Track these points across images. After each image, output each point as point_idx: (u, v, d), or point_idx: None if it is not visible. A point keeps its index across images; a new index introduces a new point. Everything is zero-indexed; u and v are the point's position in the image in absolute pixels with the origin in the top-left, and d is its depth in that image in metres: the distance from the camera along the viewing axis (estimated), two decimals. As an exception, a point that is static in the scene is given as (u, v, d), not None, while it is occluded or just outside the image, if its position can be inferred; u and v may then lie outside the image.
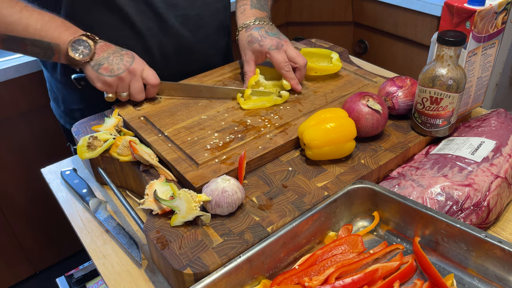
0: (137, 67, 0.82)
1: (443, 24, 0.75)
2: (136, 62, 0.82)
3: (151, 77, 0.84)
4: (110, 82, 0.81)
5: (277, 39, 0.91)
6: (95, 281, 1.40)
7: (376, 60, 1.78)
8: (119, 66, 0.80)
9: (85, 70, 0.82)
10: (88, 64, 0.81)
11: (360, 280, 0.56)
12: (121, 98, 0.85)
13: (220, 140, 0.76)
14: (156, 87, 0.86)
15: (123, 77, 0.81)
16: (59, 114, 1.07)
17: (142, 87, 0.84)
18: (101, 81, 0.81)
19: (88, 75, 0.82)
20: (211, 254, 0.57)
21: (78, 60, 0.79)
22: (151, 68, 0.85)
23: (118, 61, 0.81)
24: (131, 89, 0.83)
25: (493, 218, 0.67)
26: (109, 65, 0.80)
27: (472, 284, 0.59)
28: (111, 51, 0.82)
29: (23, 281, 1.64)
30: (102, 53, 0.81)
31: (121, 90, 0.83)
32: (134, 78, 0.82)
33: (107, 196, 0.78)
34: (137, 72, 0.82)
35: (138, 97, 0.85)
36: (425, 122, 0.76)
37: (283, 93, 0.87)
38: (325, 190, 0.67)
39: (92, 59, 0.80)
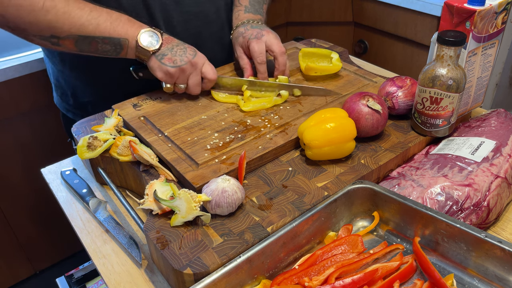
0: (198, 61, 0.85)
1: (443, 24, 0.75)
2: (198, 56, 0.85)
3: (210, 72, 0.86)
4: (172, 73, 0.83)
5: (258, 30, 0.93)
6: (95, 281, 1.40)
7: (376, 60, 1.78)
8: (182, 58, 0.83)
9: (149, 60, 0.84)
10: (153, 55, 0.83)
11: (360, 280, 0.56)
12: (178, 89, 0.87)
13: (220, 140, 0.76)
14: (213, 82, 0.88)
15: (184, 69, 0.83)
16: (66, 108, 1.07)
17: (199, 80, 0.87)
18: (163, 71, 0.83)
19: (151, 65, 0.84)
20: (211, 254, 0.57)
21: (148, 50, 0.82)
22: (211, 64, 0.87)
23: (182, 53, 0.84)
24: (190, 81, 0.86)
25: (493, 218, 0.67)
26: (172, 56, 0.83)
27: (472, 284, 0.59)
28: (175, 43, 0.85)
29: (23, 281, 1.64)
30: (167, 44, 0.84)
31: (180, 82, 0.85)
32: (195, 71, 0.85)
33: (107, 196, 0.78)
34: (198, 65, 0.85)
35: (195, 90, 0.87)
36: (425, 122, 0.76)
37: (282, 92, 0.87)
38: (325, 190, 0.67)
39: (159, 49, 0.83)
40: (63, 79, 1.03)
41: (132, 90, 0.93)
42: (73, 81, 1.01)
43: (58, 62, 0.99)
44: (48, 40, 0.79)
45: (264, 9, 1.05)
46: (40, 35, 0.78)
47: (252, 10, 1.01)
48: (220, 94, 0.87)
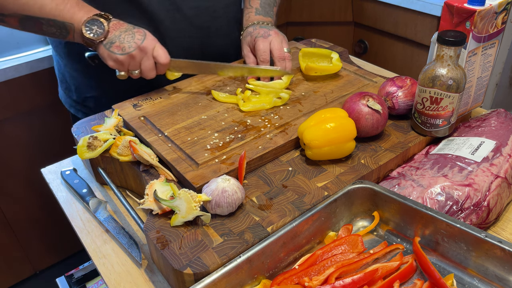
0: (148, 45, 0.83)
1: (443, 24, 0.75)
2: (147, 40, 0.83)
3: (162, 55, 0.84)
4: (122, 60, 0.82)
5: (265, 29, 0.94)
6: (95, 281, 1.40)
7: (376, 60, 1.78)
8: (130, 44, 0.81)
9: (98, 49, 0.83)
10: (101, 43, 0.82)
11: (360, 280, 0.56)
12: (133, 76, 0.86)
13: (220, 140, 0.76)
14: (166, 66, 0.86)
15: (134, 55, 0.82)
16: (69, 103, 1.08)
17: (153, 65, 0.85)
18: (112, 59, 0.82)
19: (101, 54, 0.83)
20: (211, 254, 0.57)
21: (92, 40, 0.80)
22: (162, 47, 0.85)
23: (130, 39, 0.82)
24: (142, 67, 0.84)
25: (493, 218, 0.67)
26: (120, 43, 0.81)
27: (472, 284, 0.59)
28: (123, 29, 0.83)
29: (23, 281, 1.64)
30: (115, 31, 0.82)
31: (132, 68, 0.84)
32: (146, 56, 0.83)
33: (107, 196, 0.78)
34: (148, 50, 0.83)
35: (149, 75, 0.86)
36: (425, 122, 0.76)
37: (282, 95, 0.86)
38: (325, 190, 0.67)
39: (106, 37, 0.81)
40: (67, 73, 1.03)
41: (134, 87, 0.93)
42: (77, 75, 1.01)
43: (64, 56, 1.00)
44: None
45: (274, 11, 1.05)
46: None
47: (263, 12, 1.01)
48: (220, 94, 0.87)
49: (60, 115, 1.43)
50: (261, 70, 0.92)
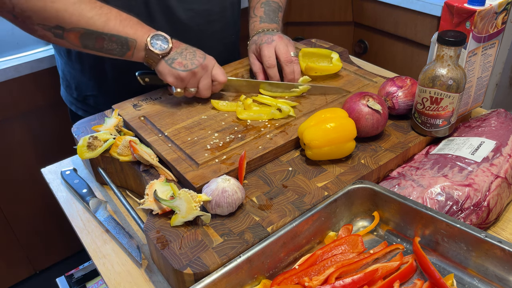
0: (209, 63, 0.84)
1: (443, 24, 0.75)
2: (208, 59, 0.84)
3: (220, 74, 0.86)
4: (183, 77, 0.82)
5: (269, 35, 0.93)
6: (95, 281, 1.40)
7: (376, 60, 1.77)
8: (193, 61, 0.82)
9: (158, 65, 0.83)
10: (163, 59, 0.82)
11: (360, 280, 0.56)
12: (189, 93, 0.86)
13: (220, 140, 0.76)
14: (223, 84, 0.88)
15: (196, 72, 0.82)
16: (70, 101, 1.08)
17: (210, 83, 0.86)
18: (174, 75, 0.82)
19: (160, 70, 0.83)
20: (211, 254, 0.57)
21: (156, 54, 0.81)
22: (220, 66, 0.87)
23: (192, 56, 0.83)
24: (200, 85, 0.85)
25: (493, 218, 0.67)
26: (182, 60, 0.82)
27: (472, 284, 0.59)
28: (183, 47, 0.84)
29: (23, 281, 1.64)
30: (176, 48, 0.83)
31: (191, 85, 0.84)
32: (206, 74, 0.84)
33: (107, 196, 0.78)
34: (209, 68, 0.84)
35: (205, 94, 0.86)
36: (425, 122, 0.76)
37: (283, 108, 0.83)
38: (325, 190, 0.67)
39: (169, 54, 0.82)
40: (68, 71, 1.03)
41: (134, 87, 0.93)
42: (77, 73, 1.01)
43: (64, 54, 1.00)
44: (51, 30, 0.77)
45: (279, 17, 1.05)
46: (45, 24, 0.75)
47: (267, 20, 1.01)
48: (220, 103, 0.86)
49: (60, 115, 1.43)
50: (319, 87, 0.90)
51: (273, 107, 0.85)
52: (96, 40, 0.79)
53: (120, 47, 0.81)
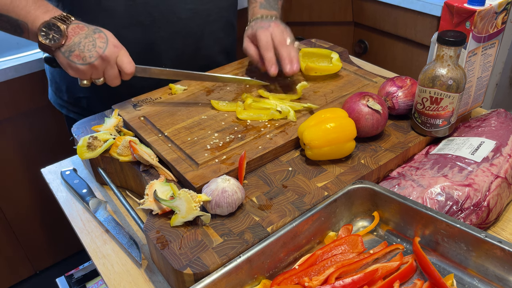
0: (110, 54, 0.76)
1: (443, 24, 0.75)
2: (110, 48, 0.76)
3: (126, 64, 0.78)
4: (83, 70, 0.76)
5: (267, 22, 0.92)
6: (95, 281, 1.40)
7: (376, 60, 1.77)
8: (91, 54, 0.75)
9: (57, 56, 0.77)
10: (59, 50, 0.76)
11: (360, 280, 0.56)
12: (97, 83, 0.81)
13: (220, 140, 0.76)
14: (131, 75, 0.81)
15: (96, 65, 0.76)
16: (60, 104, 1.05)
17: (117, 73, 0.79)
18: (73, 69, 0.76)
19: (60, 61, 0.77)
20: (211, 254, 0.57)
21: (49, 46, 0.74)
22: (126, 53, 0.79)
23: (91, 47, 0.75)
24: (106, 76, 0.79)
25: (493, 218, 0.67)
26: (80, 52, 0.75)
27: (472, 284, 0.59)
28: (83, 35, 0.76)
29: (23, 281, 1.64)
30: (74, 37, 0.75)
31: (95, 77, 0.79)
32: (109, 65, 0.77)
33: (107, 196, 0.78)
34: (111, 59, 0.77)
35: (114, 83, 0.81)
36: (425, 122, 0.76)
37: (283, 108, 0.83)
38: (325, 190, 0.67)
39: (65, 44, 0.75)
40: (58, 74, 1.02)
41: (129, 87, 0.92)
42: (67, 76, 0.98)
43: None
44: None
45: (279, 5, 1.04)
46: None
47: (267, 6, 1.00)
48: (220, 103, 0.86)
49: (60, 115, 1.43)
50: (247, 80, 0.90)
51: (272, 108, 0.84)
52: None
53: (13, 28, 0.75)
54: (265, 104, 0.85)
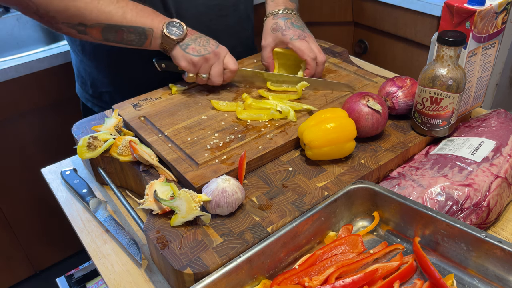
0: (221, 51, 0.87)
1: (443, 24, 0.75)
2: (221, 47, 0.88)
3: (232, 63, 0.89)
4: (196, 62, 0.85)
5: (300, 31, 0.94)
6: (95, 281, 1.40)
7: (376, 60, 1.77)
8: (206, 48, 0.86)
9: (173, 50, 0.86)
10: (178, 44, 0.86)
11: (360, 280, 0.56)
12: (200, 80, 0.89)
13: (220, 140, 0.76)
14: (234, 73, 0.90)
15: (208, 58, 0.86)
16: (86, 98, 1.10)
17: (222, 71, 0.88)
18: (187, 60, 0.86)
19: (174, 54, 0.86)
20: (211, 254, 0.57)
21: (172, 39, 0.84)
22: (232, 56, 0.90)
23: (205, 43, 0.87)
24: (212, 71, 0.87)
25: (493, 218, 0.67)
26: (196, 46, 0.86)
27: (472, 284, 0.59)
28: (198, 35, 0.88)
29: (23, 281, 1.64)
30: (191, 35, 0.87)
31: (203, 71, 0.87)
32: (218, 61, 0.87)
33: (107, 196, 0.78)
34: (221, 55, 0.87)
35: (217, 81, 0.89)
36: (425, 122, 0.76)
37: (283, 108, 0.83)
38: (325, 190, 0.67)
39: (184, 39, 0.86)
40: (83, 68, 1.05)
41: (149, 83, 0.94)
42: (92, 71, 1.03)
43: (79, 52, 1.02)
44: (75, 28, 0.81)
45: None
46: (68, 22, 0.80)
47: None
48: (220, 103, 0.86)
49: (61, 115, 1.43)
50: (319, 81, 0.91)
51: (272, 108, 0.84)
52: (116, 33, 0.83)
53: (138, 37, 0.84)
54: (265, 104, 0.85)
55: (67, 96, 1.40)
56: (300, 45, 0.91)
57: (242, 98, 0.88)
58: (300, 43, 0.91)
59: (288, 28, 0.94)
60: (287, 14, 0.97)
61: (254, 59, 1.04)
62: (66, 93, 1.39)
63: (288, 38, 0.92)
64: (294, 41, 0.91)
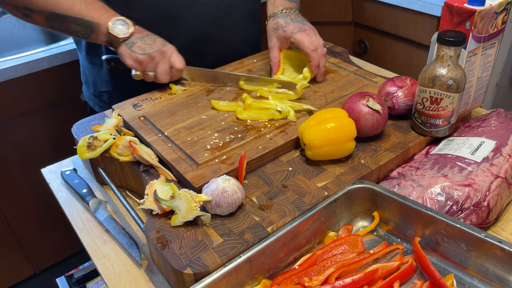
0: (167, 50, 0.87)
1: (443, 24, 0.75)
2: (167, 46, 0.88)
3: (178, 61, 0.89)
4: (141, 60, 0.85)
5: (300, 25, 0.94)
6: (95, 281, 1.40)
7: (376, 60, 1.77)
8: (152, 47, 0.86)
9: (119, 47, 0.86)
10: (123, 42, 0.86)
11: (360, 280, 0.56)
12: (147, 77, 0.89)
13: (220, 140, 0.76)
14: (181, 71, 0.90)
15: (153, 56, 0.86)
16: (88, 96, 1.11)
17: (168, 69, 0.89)
18: (132, 58, 0.86)
19: (121, 52, 0.87)
20: (211, 254, 0.57)
21: (117, 37, 0.85)
22: (179, 55, 0.90)
23: (151, 42, 0.87)
24: (158, 69, 0.88)
25: (493, 218, 0.67)
26: (142, 44, 0.86)
27: (472, 284, 0.59)
28: (145, 34, 0.88)
29: (23, 281, 1.64)
30: (138, 34, 0.87)
31: (149, 69, 0.88)
32: (163, 59, 0.87)
33: (107, 196, 0.78)
34: (167, 54, 0.87)
35: (163, 78, 0.89)
36: (425, 122, 0.76)
37: (283, 108, 0.83)
38: (325, 190, 0.67)
39: (129, 38, 0.86)
40: (86, 66, 1.06)
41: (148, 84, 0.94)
42: (94, 69, 1.04)
43: (83, 49, 1.03)
44: (20, 10, 0.82)
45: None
46: (13, 4, 0.81)
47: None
48: (220, 103, 0.86)
49: (60, 115, 1.43)
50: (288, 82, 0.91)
51: (272, 108, 0.84)
52: (62, 23, 0.83)
53: (84, 30, 0.84)
54: (265, 104, 0.85)
55: (67, 96, 1.40)
56: (301, 38, 0.91)
57: (242, 98, 0.88)
58: (300, 36, 0.91)
59: (288, 24, 0.94)
60: (285, 12, 0.98)
61: (254, 59, 1.04)
62: (66, 93, 1.39)
63: (289, 33, 0.93)
64: (295, 34, 0.92)
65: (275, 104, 0.84)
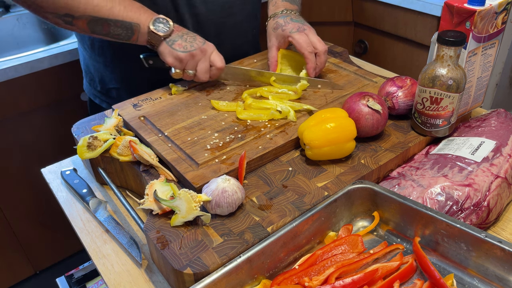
0: (208, 48, 0.87)
1: (443, 24, 0.75)
2: (208, 44, 0.88)
3: (218, 60, 0.89)
4: (182, 58, 0.85)
5: (299, 24, 0.94)
6: (95, 281, 1.40)
7: (376, 60, 1.78)
8: (192, 44, 0.86)
9: (160, 46, 0.87)
10: (164, 40, 0.86)
11: (360, 280, 0.56)
12: (187, 76, 0.89)
13: (220, 140, 0.76)
14: (221, 70, 0.90)
15: (194, 54, 0.86)
16: (94, 94, 1.11)
17: (208, 67, 0.89)
18: (173, 55, 0.86)
19: (161, 50, 0.87)
20: (211, 254, 0.57)
21: (158, 35, 0.85)
22: (219, 53, 0.90)
23: (192, 40, 0.87)
24: (198, 68, 0.88)
25: (493, 218, 0.67)
26: (182, 42, 0.86)
27: (472, 284, 0.59)
28: (185, 32, 0.88)
29: (23, 281, 1.64)
30: (178, 32, 0.87)
31: (189, 67, 0.87)
32: (204, 57, 0.87)
33: (107, 196, 0.78)
34: (208, 52, 0.87)
35: (203, 77, 0.89)
36: (425, 122, 0.76)
37: (283, 108, 0.83)
38: (325, 190, 0.67)
39: (170, 35, 0.86)
40: (91, 65, 1.06)
41: (156, 79, 0.95)
42: (100, 67, 1.04)
43: (88, 48, 1.03)
44: (62, 18, 0.82)
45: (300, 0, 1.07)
46: (55, 12, 0.81)
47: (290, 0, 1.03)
48: (220, 103, 0.86)
49: (60, 115, 1.43)
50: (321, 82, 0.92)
51: (272, 108, 0.84)
52: (103, 26, 0.83)
53: (125, 32, 0.85)
54: (265, 104, 0.85)
55: (67, 96, 1.40)
56: (299, 38, 0.91)
57: (242, 98, 0.88)
58: (299, 36, 0.91)
59: (287, 23, 0.95)
60: (286, 13, 0.98)
61: (254, 59, 1.04)
62: (66, 93, 1.39)
63: (288, 32, 0.93)
64: (293, 33, 0.92)
65: (275, 104, 0.84)
